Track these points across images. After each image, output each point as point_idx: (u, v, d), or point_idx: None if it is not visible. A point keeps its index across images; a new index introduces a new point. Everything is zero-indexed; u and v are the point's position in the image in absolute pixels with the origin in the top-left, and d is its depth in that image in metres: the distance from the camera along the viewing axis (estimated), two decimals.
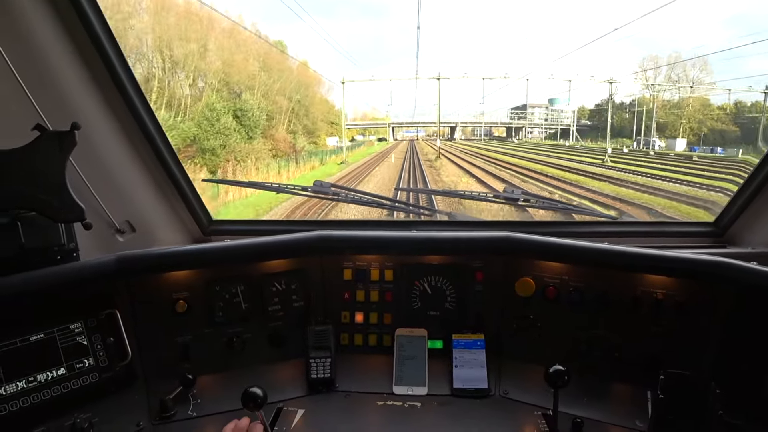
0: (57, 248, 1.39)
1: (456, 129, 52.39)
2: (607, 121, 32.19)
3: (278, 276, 1.65)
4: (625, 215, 10.61)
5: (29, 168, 1.21)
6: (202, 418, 1.44)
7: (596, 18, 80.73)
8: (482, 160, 25.80)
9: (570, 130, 40.75)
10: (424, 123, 51.56)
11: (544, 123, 46.07)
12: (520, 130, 47.73)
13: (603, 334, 1.49)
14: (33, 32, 1.30)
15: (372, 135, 49.80)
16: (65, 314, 1.34)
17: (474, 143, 46.75)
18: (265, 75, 27.97)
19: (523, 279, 1.59)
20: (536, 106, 46.75)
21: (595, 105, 41.51)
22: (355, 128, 45.34)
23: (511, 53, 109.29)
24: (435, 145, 35.25)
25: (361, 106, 58.31)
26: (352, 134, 45.31)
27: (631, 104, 36.30)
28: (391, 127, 51.17)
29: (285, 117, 28.48)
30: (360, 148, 38.60)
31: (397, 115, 50.23)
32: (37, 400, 1.25)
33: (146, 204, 1.80)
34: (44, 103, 1.33)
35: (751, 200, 1.77)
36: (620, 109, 37.80)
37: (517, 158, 26.20)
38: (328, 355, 1.60)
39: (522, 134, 47.75)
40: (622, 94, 37.95)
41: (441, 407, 1.50)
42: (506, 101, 41.80)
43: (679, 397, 1.29)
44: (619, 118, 36.97)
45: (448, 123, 52.02)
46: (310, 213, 10.63)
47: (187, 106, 22.40)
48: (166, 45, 22.53)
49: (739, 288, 1.32)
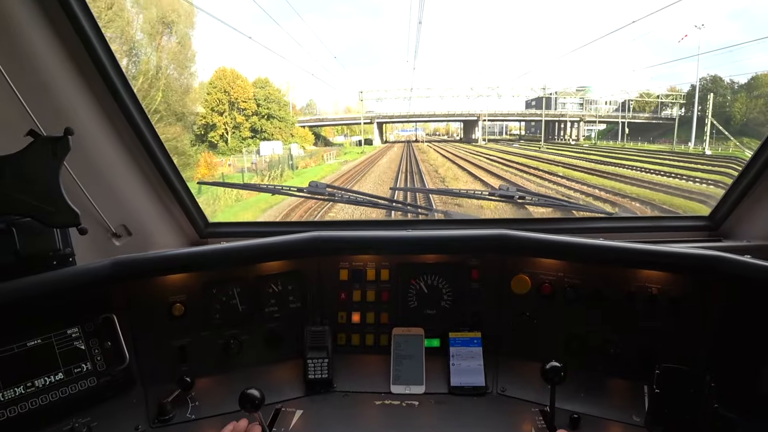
0: (53, 253, 1.39)
1: (477, 125, 35.66)
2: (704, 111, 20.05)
3: (274, 277, 1.65)
4: (622, 210, 10.60)
5: (23, 174, 1.21)
6: (201, 421, 1.44)
7: (609, 15, 79.06)
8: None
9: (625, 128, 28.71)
10: (428, 116, 36.97)
11: (603, 117, 32.82)
12: (557, 128, 34.38)
13: (599, 330, 1.50)
14: (24, 37, 1.30)
15: (357, 135, 36.37)
16: (62, 319, 1.34)
17: (511, 149, 29.41)
18: None
19: (519, 276, 1.60)
20: (568, 96, 34.23)
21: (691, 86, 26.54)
22: (317, 127, 34.05)
23: (517, 48, 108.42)
24: (450, 152, 25.16)
25: (347, 98, 47.19)
26: (332, 134, 36.69)
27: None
28: (377, 123, 36.03)
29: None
30: (309, 163, 22.58)
31: (384, 110, 35.08)
32: (35, 405, 1.25)
33: (142, 208, 1.80)
34: (37, 108, 1.33)
35: (745, 194, 1.79)
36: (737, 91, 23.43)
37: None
38: (326, 355, 1.60)
39: (564, 132, 34.05)
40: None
41: (438, 406, 1.51)
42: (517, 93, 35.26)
43: (675, 391, 1.30)
44: (743, 104, 22.44)
45: (465, 116, 36.12)
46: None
47: None
48: None
49: (734, 281, 1.33)
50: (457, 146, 34.15)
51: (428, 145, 35.87)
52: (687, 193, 12.08)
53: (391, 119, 38.41)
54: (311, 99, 41.23)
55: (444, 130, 48.87)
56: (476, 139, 35.64)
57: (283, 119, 24.71)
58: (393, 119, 38.65)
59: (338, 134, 38.62)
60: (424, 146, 34.33)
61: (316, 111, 36.89)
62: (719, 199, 1.93)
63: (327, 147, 31.78)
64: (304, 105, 37.03)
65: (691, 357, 1.35)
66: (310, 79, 26.48)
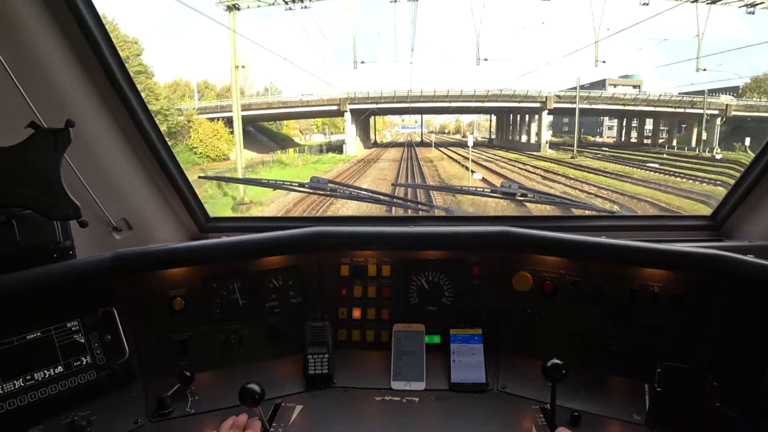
0: (53, 246, 1.38)
1: (537, 118, 22.53)
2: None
3: (275, 272, 1.65)
4: (624, 209, 10.61)
5: (24, 166, 1.21)
6: (201, 415, 1.44)
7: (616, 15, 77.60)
8: None
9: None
10: (447, 98, 22.42)
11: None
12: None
13: (600, 328, 1.50)
14: (26, 29, 1.29)
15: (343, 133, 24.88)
16: (62, 312, 1.34)
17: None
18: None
19: (521, 273, 1.60)
20: (617, 84, 26.94)
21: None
22: (257, 118, 23.11)
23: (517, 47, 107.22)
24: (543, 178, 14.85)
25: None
26: (307, 132, 24.79)
27: None
28: (371, 116, 23.84)
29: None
30: None
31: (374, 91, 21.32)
32: (34, 398, 1.25)
33: (143, 202, 1.80)
34: (38, 100, 1.33)
35: (747, 194, 1.78)
36: None
37: None
38: (326, 351, 1.60)
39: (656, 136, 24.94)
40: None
41: (439, 402, 1.50)
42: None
43: (677, 390, 1.30)
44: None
45: (517, 99, 21.71)
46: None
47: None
48: None
49: (735, 281, 1.32)
50: (512, 159, 20.63)
51: (457, 153, 21.37)
52: None
53: (377, 102, 22.19)
54: (271, 82, 28.57)
55: (453, 128, 37.62)
56: (536, 144, 22.42)
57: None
58: (381, 102, 22.25)
59: (317, 131, 27.09)
60: (436, 156, 21.50)
61: (277, 97, 24.83)
62: (721, 199, 1.93)
63: (268, 153, 21.71)
64: (261, 90, 24.66)
65: (692, 356, 1.35)
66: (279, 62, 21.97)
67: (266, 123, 28.16)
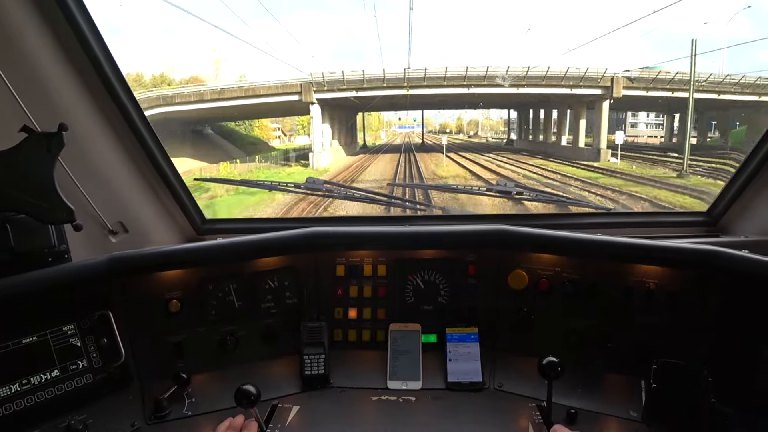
0: (48, 250, 1.38)
1: (600, 111, 16.65)
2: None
3: (271, 273, 1.65)
4: (619, 206, 10.63)
5: (17, 170, 1.20)
6: (197, 417, 1.44)
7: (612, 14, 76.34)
8: None
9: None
10: (465, 81, 16.94)
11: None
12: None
13: (596, 325, 1.50)
14: (18, 32, 1.29)
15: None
16: (58, 316, 1.33)
17: None
18: None
19: (516, 271, 1.60)
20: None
21: None
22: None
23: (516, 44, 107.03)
24: None
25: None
26: (289, 133, 20.92)
27: None
28: (358, 113, 18.02)
29: None
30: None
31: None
32: (31, 402, 1.25)
33: (138, 204, 1.80)
34: (31, 104, 1.32)
35: (743, 189, 1.79)
36: None
37: None
38: (322, 351, 1.60)
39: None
40: None
41: (435, 401, 1.50)
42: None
43: (672, 386, 1.30)
44: None
45: (574, 82, 16.25)
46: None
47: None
48: None
49: (731, 276, 1.33)
50: (586, 178, 14.59)
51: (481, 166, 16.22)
52: None
53: (357, 89, 16.44)
54: (243, 74, 26.75)
55: (455, 127, 30.72)
56: (591, 150, 16.63)
57: None
58: (364, 89, 16.55)
59: (303, 132, 22.12)
60: (451, 172, 15.95)
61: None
62: (717, 195, 1.93)
63: (231, 162, 17.44)
64: (232, 83, 20.94)
65: (688, 352, 1.35)
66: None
67: (233, 123, 23.76)
